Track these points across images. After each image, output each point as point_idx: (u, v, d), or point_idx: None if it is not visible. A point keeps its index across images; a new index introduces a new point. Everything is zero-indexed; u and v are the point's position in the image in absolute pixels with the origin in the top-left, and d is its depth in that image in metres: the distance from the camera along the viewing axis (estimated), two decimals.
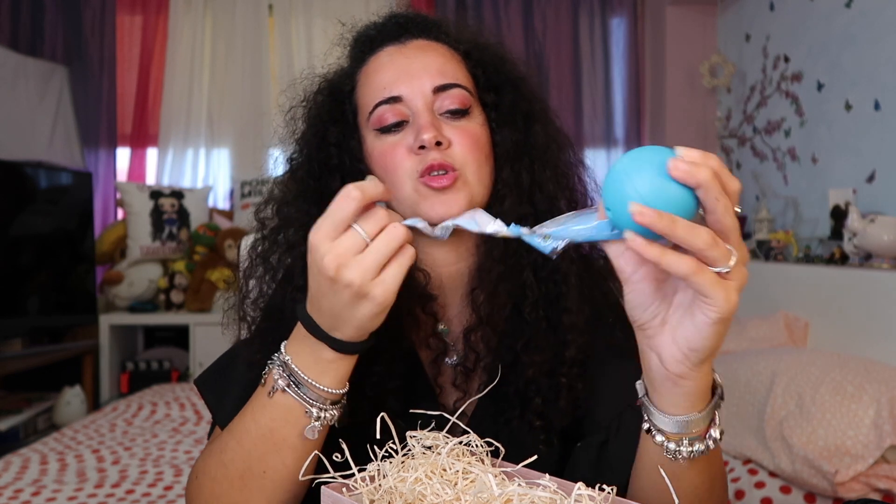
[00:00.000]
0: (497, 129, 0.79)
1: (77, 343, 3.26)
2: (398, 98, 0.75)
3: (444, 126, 0.75)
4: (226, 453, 0.69)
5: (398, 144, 0.75)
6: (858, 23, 2.43)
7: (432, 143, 0.72)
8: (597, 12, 3.76)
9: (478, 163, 0.75)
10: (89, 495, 1.66)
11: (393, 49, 0.79)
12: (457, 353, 0.79)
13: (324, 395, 0.65)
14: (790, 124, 2.84)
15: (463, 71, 0.79)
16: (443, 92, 0.75)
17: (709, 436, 0.59)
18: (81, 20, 3.60)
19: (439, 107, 0.75)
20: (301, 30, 3.74)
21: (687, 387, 0.57)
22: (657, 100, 3.62)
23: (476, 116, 0.77)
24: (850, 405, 1.60)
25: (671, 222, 0.48)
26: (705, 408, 0.58)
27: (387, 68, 0.77)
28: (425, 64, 0.76)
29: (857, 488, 1.51)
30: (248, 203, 3.51)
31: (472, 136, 0.75)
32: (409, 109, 0.75)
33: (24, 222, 3.06)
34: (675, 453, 0.59)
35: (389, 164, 0.75)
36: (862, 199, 2.37)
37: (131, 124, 3.72)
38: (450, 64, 0.78)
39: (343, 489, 0.58)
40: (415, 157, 0.73)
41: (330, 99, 0.82)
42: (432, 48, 0.79)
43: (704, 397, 0.58)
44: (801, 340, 2.26)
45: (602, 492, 0.54)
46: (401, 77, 0.75)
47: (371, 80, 0.78)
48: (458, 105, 0.75)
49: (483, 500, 0.53)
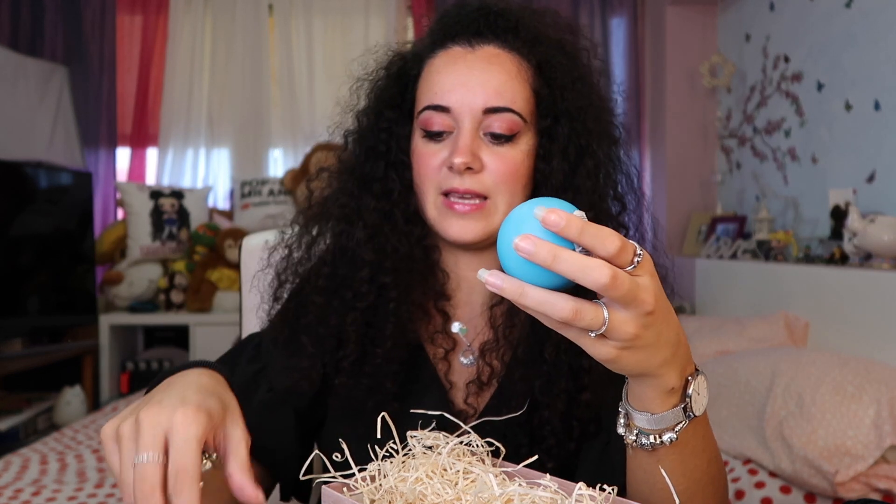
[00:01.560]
0: (545, 156, 0.77)
1: (77, 343, 3.26)
2: (447, 109, 0.74)
3: (484, 148, 0.74)
4: None
5: (435, 154, 0.75)
6: (858, 23, 2.43)
7: (461, 168, 0.72)
8: (597, 12, 3.76)
9: (511, 192, 0.74)
10: (89, 495, 1.66)
11: (460, 52, 0.77)
12: (472, 353, 0.79)
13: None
14: (790, 124, 2.84)
15: (524, 91, 0.76)
16: (493, 114, 0.74)
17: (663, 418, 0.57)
18: (81, 20, 3.60)
19: (486, 126, 0.74)
20: (301, 30, 3.73)
21: (639, 385, 0.56)
22: (657, 100, 3.61)
23: (522, 143, 0.75)
24: (850, 405, 1.60)
25: (579, 228, 0.46)
26: (663, 409, 0.57)
27: (448, 73, 0.76)
28: (484, 81, 0.74)
29: (857, 488, 1.51)
30: (248, 203, 3.51)
31: (511, 165, 0.74)
32: (455, 121, 0.74)
33: (24, 222, 3.06)
34: (636, 442, 0.59)
35: (422, 171, 0.76)
36: (862, 199, 2.37)
37: (131, 124, 3.72)
38: (511, 83, 0.75)
39: (344, 489, 0.58)
40: (445, 172, 0.74)
41: (395, 80, 0.81)
42: (499, 61, 0.76)
43: (665, 399, 0.56)
44: (801, 340, 2.26)
45: (603, 492, 0.54)
46: (456, 88, 0.74)
47: (431, 79, 0.77)
48: (505, 131, 0.74)
49: (484, 499, 0.53)
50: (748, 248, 2.80)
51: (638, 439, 0.58)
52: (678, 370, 0.55)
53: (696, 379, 0.57)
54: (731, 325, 2.41)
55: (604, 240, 0.46)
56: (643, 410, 0.57)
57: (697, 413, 0.57)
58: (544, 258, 0.46)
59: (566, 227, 0.46)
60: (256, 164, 3.70)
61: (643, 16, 3.77)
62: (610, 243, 0.46)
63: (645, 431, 0.58)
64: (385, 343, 0.74)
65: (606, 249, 0.46)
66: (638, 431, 0.59)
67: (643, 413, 0.57)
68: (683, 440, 0.58)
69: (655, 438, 0.58)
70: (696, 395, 0.57)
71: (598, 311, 0.48)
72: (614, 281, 0.46)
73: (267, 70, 3.70)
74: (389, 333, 0.74)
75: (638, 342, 0.50)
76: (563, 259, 0.46)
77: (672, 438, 0.57)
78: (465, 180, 0.73)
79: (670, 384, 0.55)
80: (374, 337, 0.75)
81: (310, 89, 3.72)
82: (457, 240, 0.74)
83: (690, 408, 0.57)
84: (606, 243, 0.46)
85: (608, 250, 0.46)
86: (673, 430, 0.57)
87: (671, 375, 0.55)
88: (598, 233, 0.46)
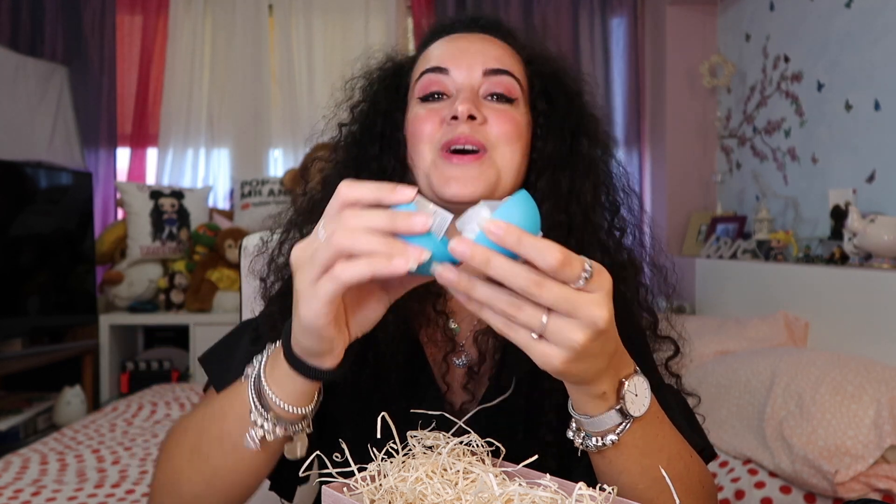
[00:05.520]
0: (542, 136, 0.77)
1: (77, 343, 3.26)
2: (444, 70, 0.74)
3: (486, 106, 0.73)
4: (191, 422, 0.68)
5: (435, 113, 0.73)
6: (858, 23, 2.43)
7: (465, 115, 0.70)
8: (597, 12, 3.76)
9: (511, 151, 0.73)
10: (89, 495, 1.66)
11: (457, 35, 0.79)
12: (465, 354, 0.79)
13: (270, 404, 0.59)
14: (790, 124, 2.84)
15: (520, 69, 0.78)
16: (493, 76, 0.74)
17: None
18: (81, 20, 3.60)
19: (486, 90, 0.74)
20: (301, 30, 3.73)
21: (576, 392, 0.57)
22: (657, 100, 3.62)
23: (521, 109, 0.76)
24: (850, 405, 1.60)
25: (518, 238, 0.46)
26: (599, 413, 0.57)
27: (446, 46, 0.77)
28: (483, 49, 0.75)
29: (857, 488, 1.51)
30: (248, 203, 3.51)
31: (513, 121, 0.73)
32: (455, 85, 0.74)
33: (24, 222, 3.06)
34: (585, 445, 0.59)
35: (417, 131, 0.74)
36: (862, 199, 2.37)
37: (131, 124, 3.72)
38: (508, 57, 0.77)
39: (344, 489, 0.58)
40: (445, 127, 0.72)
41: (390, 73, 0.82)
42: (495, 41, 0.78)
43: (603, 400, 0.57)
44: (801, 340, 2.26)
45: (603, 492, 0.54)
46: (455, 54, 0.75)
47: (427, 55, 0.78)
48: (505, 91, 0.74)
49: (484, 499, 0.53)
50: (748, 248, 2.80)
51: (584, 441, 0.59)
52: (610, 377, 0.56)
53: (631, 380, 0.57)
54: (731, 325, 2.41)
55: (543, 252, 0.46)
56: (582, 414, 0.58)
57: (635, 414, 0.57)
58: (479, 263, 0.46)
59: (504, 236, 0.46)
60: (256, 164, 3.70)
61: (643, 16, 3.77)
62: (550, 255, 0.46)
63: (590, 433, 0.59)
64: (387, 329, 0.72)
65: (546, 262, 0.46)
66: (584, 434, 0.59)
67: (583, 416, 0.58)
68: (630, 441, 0.59)
69: (598, 440, 0.58)
70: (633, 396, 0.57)
71: (537, 311, 0.48)
72: (538, 287, 0.46)
73: (267, 70, 3.70)
74: (391, 320, 0.71)
75: (584, 353, 0.50)
76: (495, 265, 0.46)
77: (613, 440, 0.58)
78: (467, 129, 0.70)
79: (601, 389, 0.56)
80: (375, 329, 0.73)
81: (310, 89, 3.72)
82: (455, 197, 0.70)
83: (626, 409, 0.57)
84: (546, 255, 0.46)
85: (549, 263, 0.46)
86: (614, 433, 0.58)
87: (603, 381, 0.55)
88: (538, 244, 0.46)
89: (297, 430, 0.62)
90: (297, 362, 0.57)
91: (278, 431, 0.60)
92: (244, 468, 0.64)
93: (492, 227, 0.46)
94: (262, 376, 0.60)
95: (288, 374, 0.58)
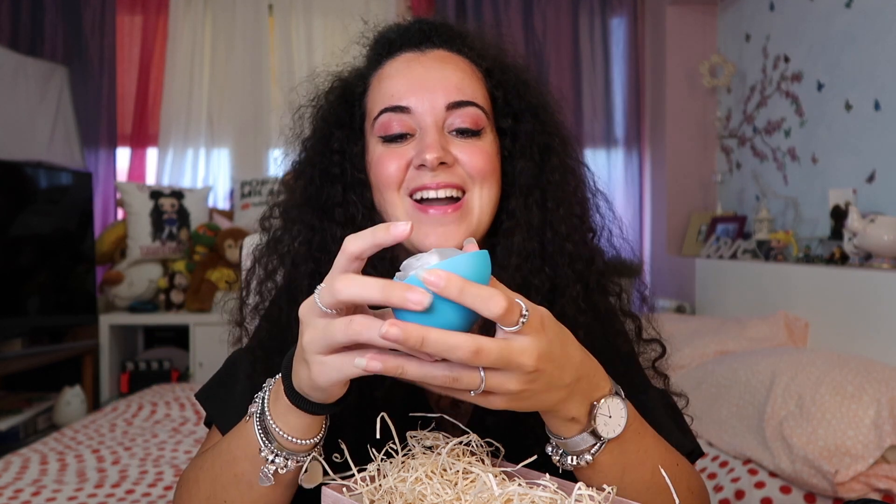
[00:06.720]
0: (510, 157, 0.74)
1: (77, 343, 3.26)
2: (406, 109, 0.71)
3: (453, 143, 0.70)
4: (201, 470, 0.66)
5: (399, 155, 0.70)
6: (858, 23, 2.43)
7: (434, 164, 0.68)
8: (597, 12, 3.76)
9: (488, 186, 0.71)
10: (89, 495, 1.66)
11: (411, 56, 0.75)
12: None
13: (279, 439, 0.59)
14: (790, 124, 2.84)
15: (482, 90, 0.74)
16: (456, 109, 0.71)
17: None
18: (81, 20, 3.60)
19: (450, 124, 0.71)
20: (301, 30, 3.73)
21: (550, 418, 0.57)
22: (657, 100, 3.61)
23: (488, 138, 0.73)
24: (850, 405, 1.60)
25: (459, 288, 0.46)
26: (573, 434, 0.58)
27: (401, 75, 0.73)
28: (442, 77, 0.71)
29: (857, 488, 1.51)
30: (248, 203, 3.51)
31: (484, 156, 0.71)
32: (417, 123, 0.71)
33: (24, 222, 3.06)
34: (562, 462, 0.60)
35: (385, 175, 0.71)
36: (862, 199, 2.37)
37: (131, 124, 3.72)
38: (468, 80, 0.73)
39: (343, 489, 0.58)
40: (412, 171, 0.70)
41: (339, 101, 0.78)
42: (452, 61, 0.74)
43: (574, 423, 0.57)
44: (801, 340, 2.26)
45: (602, 492, 0.54)
46: (414, 88, 0.71)
47: (382, 86, 0.74)
48: (471, 125, 0.71)
49: (483, 500, 0.53)
50: (748, 248, 2.80)
51: (562, 459, 0.60)
52: (578, 402, 0.56)
53: (604, 402, 0.57)
54: (731, 325, 2.41)
55: (487, 301, 0.46)
56: (556, 434, 0.58)
57: (608, 436, 0.57)
58: (413, 344, 0.45)
59: (445, 287, 0.45)
60: (256, 164, 3.71)
61: (643, 16, 3.77)
62: (495, 305, 0.46)
63: (566, 452, 0.59)
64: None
65: (491, 311, 0.47)
66: (561, 451, 0.60)
67: (556, 437, 0.59)
68: (607, 460, 0.59)
69: (573, 459, 0.59)
70: (606, 418, 0.57)
71: (474, 375, 0.49)
72: (477, 356, 0.47)
73: (267, 70, 3.70)
74: None
75: (525, 394, 0.51)
76: (430, 343, 0.46)
77: (588, 461, 0.58)
78: (439, 175, 0.68)
79: (570, 414, 0.56)
80: None
81: None
82: (435, 247, 0.68)
83: (598, 432, 0.57)
84: (490, 305, 0.46)
85: (493, 312, 0.47)
86: (589, 453, 0.58)
87: (569, 407, 0.55)
88: (481, 293, 0.46)
89: (308, 458, 0.61)
90: (300, 400, 0.56)
91: (290, 464, 0.59)
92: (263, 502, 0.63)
93: (431, 278, 0.45)
94: (266, 413, 0.59)
95: (291, 410, 0.57)
